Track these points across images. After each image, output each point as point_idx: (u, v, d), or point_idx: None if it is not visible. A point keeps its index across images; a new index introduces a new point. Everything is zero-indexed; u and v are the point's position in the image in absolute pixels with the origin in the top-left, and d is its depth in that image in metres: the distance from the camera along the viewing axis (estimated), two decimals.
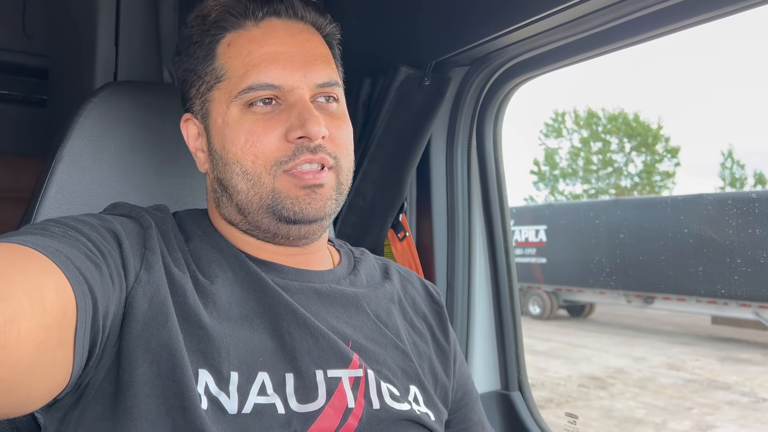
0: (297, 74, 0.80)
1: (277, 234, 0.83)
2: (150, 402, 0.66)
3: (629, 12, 1.01)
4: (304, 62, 0.81)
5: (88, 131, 0.97)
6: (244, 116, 0.80)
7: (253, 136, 0.79)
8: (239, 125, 0.80)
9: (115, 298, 0.67)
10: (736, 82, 34.33)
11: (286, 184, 0.79)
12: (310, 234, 0.84)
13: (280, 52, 0.80)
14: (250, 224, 0.84)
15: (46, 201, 0.93)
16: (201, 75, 0.84)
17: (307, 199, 0.80)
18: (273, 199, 0.80)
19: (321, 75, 0.82)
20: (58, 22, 2.05)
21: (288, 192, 0.79)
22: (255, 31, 0.82)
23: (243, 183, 0.80)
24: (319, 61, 0.83)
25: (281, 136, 0.79)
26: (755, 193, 8.74)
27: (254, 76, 0.79)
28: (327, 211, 0.82)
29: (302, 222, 0.81)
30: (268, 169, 0.79)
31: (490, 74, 1.36)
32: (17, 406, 0.55)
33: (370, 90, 1.40)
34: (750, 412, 5.73)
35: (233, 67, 0.81)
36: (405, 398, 0.81)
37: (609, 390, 6.52)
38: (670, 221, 6.96)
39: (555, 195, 23.69)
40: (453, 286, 1.43)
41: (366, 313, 0.86)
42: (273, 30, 0.82)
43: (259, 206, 0.81)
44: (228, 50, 0.82)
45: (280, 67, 0.80)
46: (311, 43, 0.84)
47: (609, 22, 1.05)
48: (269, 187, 0.79)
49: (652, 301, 8.30)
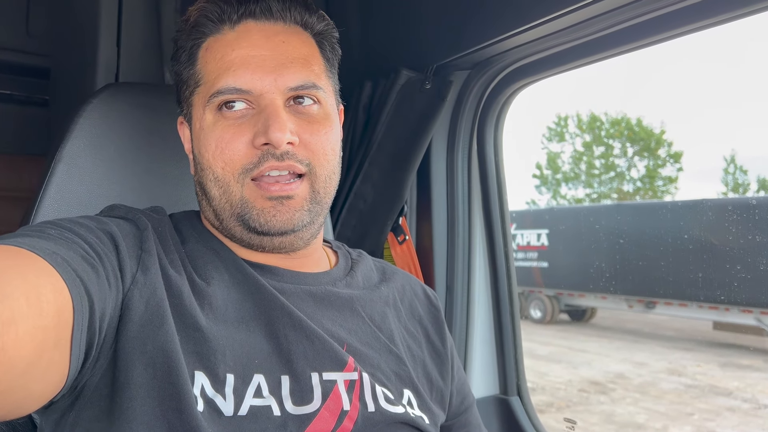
0: (267, 78, 0.78)
1: (251, 244, 0.82)
2: (146, 404, 0.66)
3: (631, 17, 1.01)
4: (276, 65, 0.79)
5: (88, 132, 0.97)
6: (216, 122, 0.79)
7: (222, 143, 0.78)
8: (212, 131, 0.79)
9: (112, 300, 0.67)
10: (740, 86, 34.29)
11: (253, 194, 0.78)
12: (286, 245, 0.83)
13: (251, 55, 0.79)
14: (225, 231, 0.83)
15: (45, 201, 0.93)
16: (185, 79, 0.84)
17: (272, 211, 0.78)
18: (242, 207, 0.79)
19: (294, 78, 0.79)
20: (60, 22, 2.06)
21: (255, 202, 0.78)
22: (230, 35, 0.80)
23: (215, 189, 0.80)
24: (294, 64, 0.80)
25: (248, 142, 0.77)
26: (755, 200, 8.71)
27: (224, 80, 0.78)
28: (296, 223, 0.79)
29: (270, 234, 0.79)
30: (236, 177, 0.78)
31: (492, 78, 1.35)
32: (15, 407, 0.55)
33: (371, 93, 1.40)
34: (751, 419, 5.71)
35: (208, 71, 0.80)
36: (399, 402, 0.81)
37: (610, 395, 6.50)
38: (672, 226, 6.95)
39: (557, 199, 23.69)
40: (452, 289, 1.43)
41: (360, 316, 0.86)
42: (247, 33, 0.80)
43: (230, 213, 0.80)
44: (205, 55, 0.81)
45: (249, 71, 0.78)
46: (288, 45, 0.81)
47: (611, 27, 1.05)
48: (238, 195, 0.79)
49: (653, 306, 8.29)
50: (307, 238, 0.85)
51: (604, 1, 0.94)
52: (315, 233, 0.86)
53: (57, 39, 2.13)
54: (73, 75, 1.79)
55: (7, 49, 2.27)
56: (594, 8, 0.98)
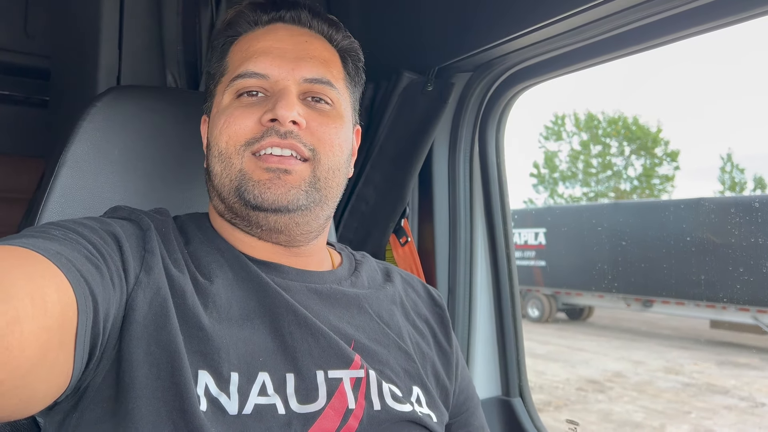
0: (285, 67, 0.82)
1: (249, 222, 0.82)
2: (150, 404, 0.66)
3: (632, 20, 1.02)
4: (296, 57, 0.83)
5: (92, 135, 0.98)
6: (231, 104, 0.83)
7: (230, 119, 0.81)
8: (225, 111, 0.82)
9: (116, 300, 0.67)
10: (736, 86, 34.37)
11: (252, 166, 0.80)
12: (281, 227, 0.82)
13: (274, 47, 0.84)
14: (228, 210, 0.84)
15: (49, 205, 0.93)
16: (212, 74, 0.90)
17: (268, 183, 0.78)
18: (240, 180, 0.80)
19: (311, 71, 0.83)
20: (60, 23, 2.05)
21: (252, 174, 0.79)
22: (259, 31, 0.87)
23: (218, 164, 0.82)
24: (313, 60, 0.84)
25: (257, 120, 0.80)
26: (756, 199, 8.74)
27: (245, 65, 0.83)
28: (291, 200, 0.79)
29: (264, 209, 0.79)
30: (237, 149, 0.80)
31: (493, 80, 1.36)
32: (19, 408, 0.55)
33: (373, 95, 1.40)
34: (748, 417, 5.73)
35: (233, 61, 0.86)
36: (407, 399, 0.81)
37: (607, 393, 6.52)
38: (669, 225, 6.97)
39: (554, 198, 23.72)
40: (454, 291, 1.43)
41: (368, 313, 0.86)
42: (274, 30, 0.86)
43: (229, 188, 0.81)
44: (233, 49, 0.87)
45: (269, 59, 0.82)
46: (310, 45, 0.86)
47: (612, 30, 1.06)
48: (237, 167, 0.80)
49: (650, 305, 8.31)
50: (304, 226, 0.84)
51: (605, 5, 0.95)
52: (315, 228, 0.86)
53: (57, 40, 2.13)
54: (74, 77, 1.79)
55: (6, 49, 2.26)
56: (596, 12, 0.98)
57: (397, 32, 1.37)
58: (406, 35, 1.35)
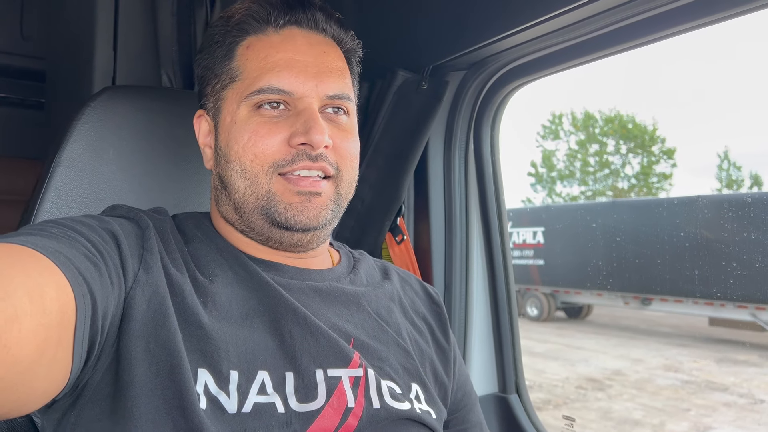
0: (309, 83, 0.81)
1: (270, 238, 0.84)
2: (150, 402, 0.66)
3: (626, 17, 1.02)
4: (318, 72, 0.83)
5: (87, 135, 0.98)
6: (251, 117, 0.81)
7: (255, 136, 0.80)
8: (245, 124, 0.81)
9: (114, 298, 0.67)
10: (733, 84, 34.42)
11: (281, 188, 0.80)
12: (303, 243, 0.85)
13: (295, 59, 0.82)
14: (245, 224, 0.84)
15: (44, 205, 0.94)
16: (218, 73, 0.86)
17: (300, 206, 0.80)
18: (268, 200, 0.80)
19: (333, 87, 0.83)
20: (55, 25, 2.05)
21: (282, 196, 0.80)
22: (275, 37, 0.84)
23: (241, 181, 0.81)
24: (333, 74, 0.84)
25: (284, 140, 0.80)
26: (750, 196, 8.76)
27: (266, 79, 0.81)
28: (321, 221, 0.82)
29: (294, 229, 0.81)
30: (265, 170, 0.80)
31: (487, 78, 1.36)
32: (17, 405, 0.55)
33: (368, 94, 1.40)
34: (747, 414, 5.74)
35: (249, 68, 0.83)
36: (406, 396, 0.82)
37: (607, 391, 6.53)
38: (667, 223, 6.98)
39: (552, 197, 23.75)
40: (451, 289, 1.43)
41: (367, 311, 0.87)
42: (292, 38, 0.84)
43: (254, 207, 0.81)
44: (246, 52, 0.84)
45: (293, 74, 0.81)
46: (328, 56, 0.85)
47: (606, 27, 1.06)
48: (265, 187, 0.80)
49: (649, 303, 8.31)
50: (323, 237, 0.87)
51: (599, 2, 0.95)
52: (327, 235, 0.88)
53: (52, 42, 2.13)
54: (70, 78, 1.79)
55: (1, 52, 2.26)
56: (589, 8, 0.98)
57: (392, 31, 1.37)
58: (401, 34, 1.35)
